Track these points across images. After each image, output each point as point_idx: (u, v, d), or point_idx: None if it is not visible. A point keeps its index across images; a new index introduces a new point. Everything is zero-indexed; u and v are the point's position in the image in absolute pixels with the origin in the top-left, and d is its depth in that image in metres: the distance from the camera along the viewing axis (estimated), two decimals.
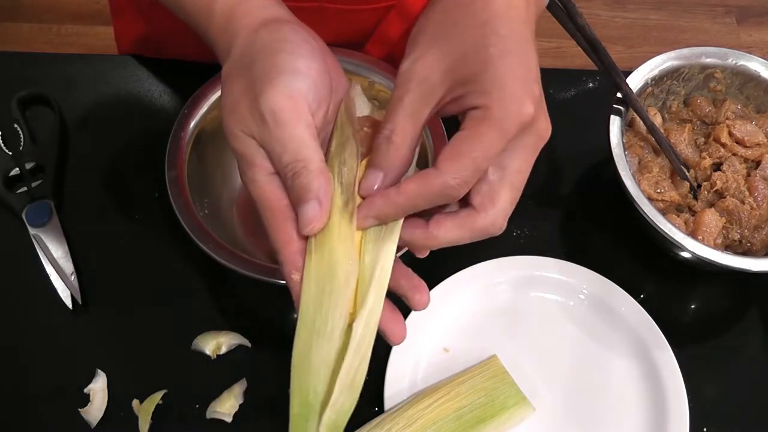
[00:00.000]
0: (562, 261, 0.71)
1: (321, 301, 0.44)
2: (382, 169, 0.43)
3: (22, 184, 0.73)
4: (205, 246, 0.62)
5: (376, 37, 0.78)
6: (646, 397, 0.66)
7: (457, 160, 0.41)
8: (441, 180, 0.41)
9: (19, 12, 1.94)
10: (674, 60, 0.75)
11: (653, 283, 0.74)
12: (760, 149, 0.73)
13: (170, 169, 0.65)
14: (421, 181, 0.42)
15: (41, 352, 0.67)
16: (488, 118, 0.41)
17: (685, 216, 0.71)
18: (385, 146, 0.43)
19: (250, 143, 0.44)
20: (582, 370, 0.68)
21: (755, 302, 0.74)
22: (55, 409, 0.64)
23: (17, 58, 0.84)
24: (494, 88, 0.41)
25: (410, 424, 0.61)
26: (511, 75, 0.42)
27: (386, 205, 0.43)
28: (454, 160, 0.41)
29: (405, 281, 0.46)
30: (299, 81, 0.44)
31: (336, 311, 0.44)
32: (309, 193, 0.42)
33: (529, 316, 0.70)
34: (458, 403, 0.63)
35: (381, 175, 0.43)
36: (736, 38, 2.04)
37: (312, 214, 0.43)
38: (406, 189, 0.42)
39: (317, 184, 0.42)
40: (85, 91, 0.80)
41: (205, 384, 0.65)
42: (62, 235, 0.71)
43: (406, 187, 0.42)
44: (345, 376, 0.43)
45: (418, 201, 0.42)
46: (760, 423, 0.68)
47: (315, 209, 0.43)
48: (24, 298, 0.69)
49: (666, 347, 0.67)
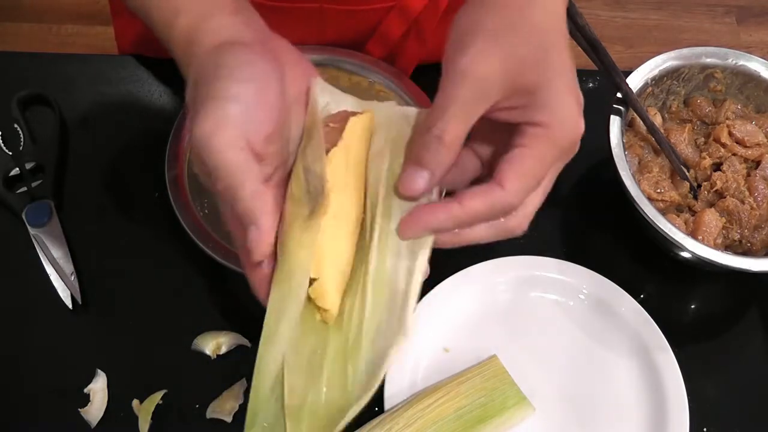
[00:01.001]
0: (562, 261, 0.71)
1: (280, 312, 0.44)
2: (429, 169, 0.43)
3: (22, 184, 0.73)
4: (205, 246, 0.62)
5: (377, 38, 0.78)
6: (646, 397, 0.66)
7: (523, 179, 0.42)
8: (506, 199, 0.42)
9: (19, 12, 1.94)
10: (674, 60, 0.75)
11: (653, 283, 0.74)
12: (760, 149, 0.73)
13: (170, 169, 0.65)
14: (486, 199, 0.42)
15: (41, 352, 0.67)
16: (550, 138, 0.42)
17: (685, 216, 0.71)
18: (435, 146, 0.42)
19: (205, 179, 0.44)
20: (582, 370, 0.68)
21: (755, 302, 0.74)
22: (55, 409, 0.64)
23: (17, 58, 0.84)
24: (558, 105, 0.42)
25: (410, 424, 0.61)
26: (569, 92, 0.42)
27: (447, 219, 0.42)
28: (520, 179, 0.42)
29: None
30: (230, 106, 0.42)
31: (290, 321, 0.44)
32: (246, 218, 0.42)
33: (529, 316, 0.70)
34: (458, 403, 0.63)
35: (427, 175, 0.43)
36: (736, 38, 2.04)
37: (252, 239, 0.42)
38: (471, 205, 0.42)
39: (252, 206, 0.42)
40: (85, 91, 0.80)
41: (205, 384, 0.65)
42: (62, 235, 0.71)
43: (471, 203, 0.42)
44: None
45: (479, 217, 0.42)
46: (760, 423, 0.68)
47: (253, 234, 0.42)
48: (24, 298, 0.69)
49: (666, 347, 0.67)
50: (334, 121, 0.47)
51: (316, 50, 0.72)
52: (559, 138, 0.42)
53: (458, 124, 0.42)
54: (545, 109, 0.42)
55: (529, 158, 0.42)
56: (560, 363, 0.68)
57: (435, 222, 0.43)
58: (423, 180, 0.43)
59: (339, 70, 0.72)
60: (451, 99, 0.42)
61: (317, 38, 0.74)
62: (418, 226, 0.43)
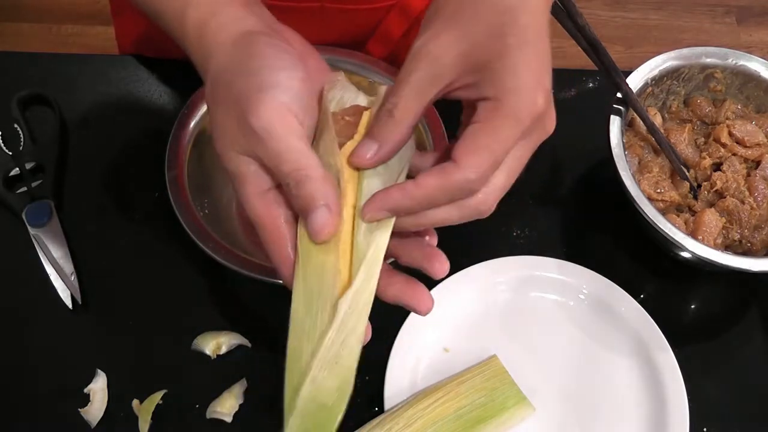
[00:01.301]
0: (562, 261, 0.71)
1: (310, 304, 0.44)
2: (378, 141, 0.43)
3: (22, 184, 0.73)
4: (205, 246, 0.62)
5: (378, 37, 0.78)
6: (646, 397, 0.66)
7: (476, 153, 0.41)
8: (461, 174, 0.41)
9: (19, 12, 1.94)
10: (674, 60, 0.75)
11: (653, 283, 0.74)
12: (760, 149, 0.73)
13: (170, 169, 0.65)
14: (440, 175, 0.41)
15: (41, 352, 0.67)
16: (502, 109, 0.41)
17: (685, 216, 0.71)
18: (385, 119, 0.43)
19: (242, 161, 0.44)
20: (582, 370, 0.68)
21: (755, 302, 0.74)
22: (55, 409, 0.64)
23: (17, 58, 0.84)
24: (508, 78, 0.41)
25: (410, 424, 0.61)
26: (525, 66, 0.41)
27: (403, 198, 0.42)
28: (473, 153, 0.41)
29: (417, 252, 0.45)
30: (283, 94, 0.43)
31: (324, 313, 0.43)
32: (315, 201, 0.42)
33: (529, 316, 0.70)
34: (458, 403, 0.63)
35: (375, 147, 0.43)
36: (736, 38, 2.04)
37: (323, 221, 0.42)
38: (425, 183, 0.41)
39: (324, 190, 0.42)
40: (85, 91, 0.80)
41: (205, 384, 0.65)
42: (62, 235, 0.71)
43: (425, 181, 0.41)
44: (325, 351, 0.43)
45: (437, 195, 0.42)
46: (760, 423, 0.68)
47: (325, 215, 0.42)
48: (24, 298, 0.69)
49: (666, 347, 0.67)
50: (348, 114, 0.47)
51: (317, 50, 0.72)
52: (512, 110, 0.41)
53: (409, 101, 0.42)
54: (496, 83, 0.41)
55: (482, 132, 0.41)
56: (560, 363, 0.68)
57: (391, 202, 0.42)
58: (371, 151, 0.43)
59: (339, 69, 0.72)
60: (404, 77, 0.42)
61: (318, 37, 0.74)
62: (376, 207, 0.43)
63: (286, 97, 0.43)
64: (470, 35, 0.42)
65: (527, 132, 0.42)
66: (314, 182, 0.42)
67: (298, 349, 0.44)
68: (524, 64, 0.41)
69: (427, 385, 0.65)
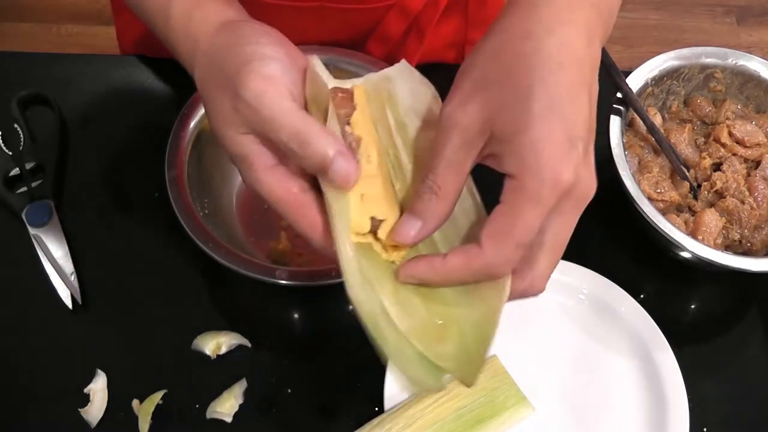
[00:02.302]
0: (562, 261, 0.70)
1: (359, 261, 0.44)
2: (422, 219, 0.43)
3: (22, 184, 0.73)
4: (205, 246, 0.62)
5: (377, 36, 0.78)
6: (646, 397, 0.66)
7: (498, 239, 0.40)
8: (484, 260, 0.41)
9: (19, 12, 1.94)
10: (674, 60, 0.75)
11: (653, 283, 0.74)
12: (760, 149, 0.73)
13: (170, 169, 0.65)
14: (465, 258, 0.41)
15: (41, 352, 0.67)
16: (524, 191, 0.40)
17: (685, 216, 0.71)
18: (428, 196, 0.42)
19: (244, 141, 0.44)
20: (582, 369, 0.68)
21: (755, 302, 0.74)
22: (55, 409, 0.64)
23: (17, 58, 0.84)
24: (530, 156, 0.39)
25: (410, 424, 0.61)
26: (549, 138, 0.39)
27: (429, 273, 0.43)
28: (496, 239, 0.40)
29: None
30: (271, 65, 0.44)
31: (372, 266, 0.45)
32: (327, 154, 0.42)
33: (528, 316, 0.70)
34: (458, 403, 0.63)
35: (419, 225, 0.43)
36: (736, 38, 2.04)
37: (344, 168, 0.42)
38: (452, 262, 0.42)
39: (329, 140, 0.42)
40: (85, 91, 0.80)
41: (205, 384, 0.65)
42: (62, 235, 0.71)
43: (452, 261, 0.42)
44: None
45: (462, 275, 0.42)
46: (760, 423, 0.68)
47: (343, 162, 0.42)
48: (24, 298, 0.69)
49: (666, 347, 0.67)
50: (340, 92, 0.48)
51: (317, 50, 0.72)
52: (533, 193, 0.39)
53: (448, 175, 0.42)
54: (518, 161, 0.40)
55: (505, 216, 0.40)
56: (560, 363, 0.68)
57: (418, 273, 0.43)
58: (414, 229, 0.43)
59: (339, 70, 0.72)
60: (439, 150, 0.42)
61: (317, 36, 0.74)
62: (406, 274, 0.43)
63: (274, 66, 0.44)
64: (496, 101, 0.40)
65: (557, 207, 0.41)
66: (318, 137, 0.42)
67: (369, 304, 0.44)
68: (547, 138, 0.39)
69: None
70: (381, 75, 0.50)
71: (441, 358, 0.43)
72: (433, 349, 0.43)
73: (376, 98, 0.49)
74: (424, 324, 0.44)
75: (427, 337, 0.43)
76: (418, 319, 0.44)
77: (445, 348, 0.43)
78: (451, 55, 0.87)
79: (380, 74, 0.50)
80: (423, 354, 0.43)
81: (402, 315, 0.43)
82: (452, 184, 0.42)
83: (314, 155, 0.42)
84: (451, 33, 0.84)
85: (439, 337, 0.43)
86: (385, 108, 0.48)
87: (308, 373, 0.66)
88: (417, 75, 0.49)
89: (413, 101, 0.48)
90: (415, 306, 0.44)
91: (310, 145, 0.42)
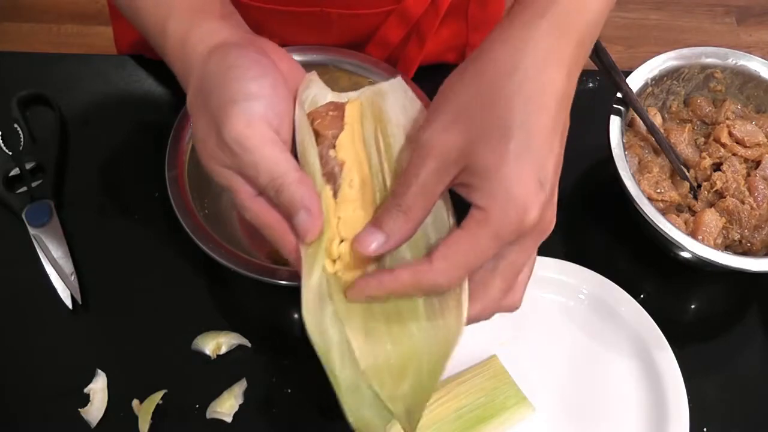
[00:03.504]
0: (562, 261, 0.71)
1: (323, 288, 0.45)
2: (385, 234, 0.43)
3: (22, 184, 0.73)
4: (205, 246, 0.62)
5: (376, 41, 0.78)
6: (646, 397, 0.66)
7: (450, 260, 0.41)
8: (432, 277, 0.42)
9: (19, 12, 1.94)
10: (674, 60, 0.75)
11: (653, 283, 0.74)
12: (760, 149, 0.73)
13: (170, 169, 0.65)
14: (414, 273, 0.42)
15: (41, 352, 0.67)
16: (487, 225, 0.41)
17: (685, 216, 0.71)
18: (395, 213, 0.43)
19: (227, 174, 0.46)
20: (582, 370, 0.68)
21: (755, 302, 0.74)
22: (55, 409, 0.64)
23: (17, 58, 0.84)
24: (500, 194, 0.41)
25: None
26: (520, 179, 0.41)
27: (379, 289, 0.43)
28: (447, 260, 0.41)
29: None
30: (255, 104, 0.45)
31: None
32: (295, 205, 0.44)
33: (529, 316, 0.70)
34: (458, 403, 0.63)
35: (382, 239, 0.43)
36: (736, 38, 2.04)
37: (304, 225, 0.44)
38: (400, 277, 0.43)
39: (300, 193, 0.44)
40: (85, 91, 0.80)
41: (205, 384, 0.65)
42: (62, 235, 0.71)
43: (400, 276, 0.42)
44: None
45: (410, 290, 0.43)
46: (760, 423, 0.68)
47: (305, 219, 0.44)
48: (24, 298, 0.69)
49: (666, 347, 0.67)
50: (331, 109, 0.49)
51: (318, 50, 0.72)
52: (496, 228, 0.41)
53: (418, 200, 0.43)
54: (488, 196, 0.41)
55: (462, 241, 0.41)
56: (560, 363, 0.68)
57: (368, 290, 0.44)
58: (376, 242, 0.43)
59: (340, 70, 0.72)
60: (413, 172, 0.43)
61: (317, 41, 0.74)
62: (356, 293, 0.44)
63: (258, 106, 0.45)
64: (475, 134, 0.42)
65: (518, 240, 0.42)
66: (291, 187, 0.43)
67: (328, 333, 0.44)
68: (518, 179, 0.41)
69: None
70: (375, 89, 0.51)
71: (393, 400, 0.43)
72: (388, 390, 0.43)
73: (369, 114, 0.50)
74: (387, 361, 0.43)
75: (387, 376, 0.43)
76: (382, 355, 0.43)
77: (400, 388, 0.43)
78: (452, 57, 0.87)
79: (375, 88, 0.51)
80: (377, 394, 0.43)
81: (368, 352, 0.43)
82: (421, 206, 0.43)
83: (285, 203, 0.44)
84: (452, 36, 0.84)
85: (398, 376, 0.43)
86: (377, 126, 0.49)
87: (308, 373, 0.66)
88: (410, 93, 0.50)
89: (403, 119, 0.49)
90: (383, 340, 0.44)
91: (282, 194, 0.44)
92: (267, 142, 0.44)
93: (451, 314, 0.43)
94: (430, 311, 0.44)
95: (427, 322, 0.44)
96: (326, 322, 0.44)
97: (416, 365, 0.43)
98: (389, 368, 0.43)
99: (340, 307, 0.44)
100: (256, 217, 0.46)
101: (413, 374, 0.43)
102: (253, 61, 0.47)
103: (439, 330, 0.44)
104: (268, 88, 0.46)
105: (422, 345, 0.43)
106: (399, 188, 0.43)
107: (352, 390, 0.43)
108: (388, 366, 0.43)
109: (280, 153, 0.44)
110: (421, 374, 0.43)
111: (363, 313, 0.44)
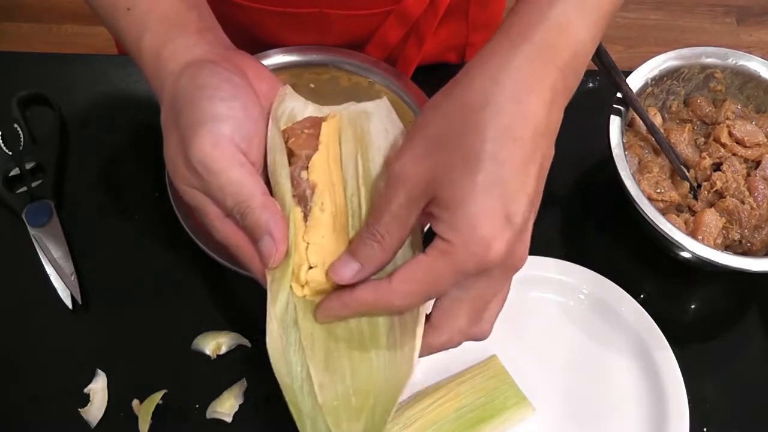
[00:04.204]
0: (562, 261, 0.71)
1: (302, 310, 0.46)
2: (360, 263, 0.44)
3: (22, 184, 0.73)
4: (205, 246, 0.62)
5: (375, 42, 0.78)
6: (646, 397, 0.66)
7: (409, 284, 0.42)
8: (389, 297, 0.42)
9: (19, 12, 1.94)
10: (674, 60, 0.75)
11: (653, 283, 0.74)
12: (760, 149, 0.73)
13: None
14: (374, 293, 0.43)
15: (41, 352, 0.67)
16: (449, 257, 0.41)
17: (685, 216, 0.71)
18: (370, 243, 0.43)
19: (195, 194, 0.46)
20: (582, 370, 0.68)
21: (755, 302, 0.74)
22: (55, 409, 0.64)
23: (17, 58, 0.84)
24: (464, 226, 0.40)
25: (410, 424, 0.61)
26: (486, 215, 0.40)
27: (342, 310, 0.44)
28: (406, 282, 0.42)
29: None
30: (222, 125, 0.44)
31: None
32: (259, 230, 0.44)
33: (529, 316, 0.70)
34: (458, 403, 0.63)
35: (357, 268, 0.44)
36: (736, 38, 2.04)
37: (267, 249, 0.44)
38: (361, 297, 0.43)
39: (264, 218, 0.44)
40: (85, 91, 0.80)
41: (205, 384, 0.65)
42: (62, 235, 0.71)
43: (361, 295, 0.43)
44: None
45: (370, 309, 0.44)
46: (760, 423, 0.68)
47: (269, 244, 0.44)
48: (24, 298, 0.69)
49: (666, 347, 0.67)
50: (306, 127, 0.49)
51: (318, 50, 0.72)
52: (460, 260, 0.41)
53: (392, 227, 0.43)
54: (454, 229, 0.41)
55: (424, 267, 0.41)
56: (560, 363, 0.68)
57: (332, 312, 0.44)
58: (351, 271, 0.44)
59: (339, 70, 0.72)
60: (386, 202, 0.43)
61: (316, 42, 0.74)
62: (322, 314, 0.45)
63: (226, 127, 0.44)
64: (444, 165, 0.41)
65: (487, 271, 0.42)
66: (255, 212, 0.44)
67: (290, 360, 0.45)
68: (484, 214, 0.40)
69: (427, 385, 0.65)
70: (361, 108, 0.50)
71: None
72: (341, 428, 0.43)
73: (351, 134, 0.49)
74: (345, 397, 0.44)
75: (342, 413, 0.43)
76: (341, 389, 0.44)
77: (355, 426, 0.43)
78: (452, 57, 0.87)
79: (360, 107, 0.51)
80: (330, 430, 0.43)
81: (326, 385, 0.44)
82: (396, 236, 0.43)
83: (249, 228, 0.44)
84: (451, 36, 0.84)
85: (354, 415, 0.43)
86: (358, 149, 0.49)
87: None
88: (393, 115, 0.50)
89: (384, 143, 0.49)
90: (343, 370, 0.44)
91: (247, 218, 0.44)
92: (234, 165, 0.44)
93: (407, 346, 0.44)
94: (391, 341, 0.44)
95: (387, 351, 0.44)
96: (290, 352, 0.44)
97: (371, 404, 0.43)
98: (346, 406, 0.44)
99: (305, 333, 0.45)
100: (225, 238, 0.46)
101: (367, 414, 0.43)
102: (224, 80, 0.46)
103: (396, 360, 0.44)
104: (238, 108, 0.45)
105: (379, 377, 0.44)
106: (373, 217, 0.43)
107: (311, 420, 0.44)
108: (345, 403, 0.44)
109: (247, 176, 0.44)
110: (374, 414, 0.43)
111: (326, 338, 0.45)
